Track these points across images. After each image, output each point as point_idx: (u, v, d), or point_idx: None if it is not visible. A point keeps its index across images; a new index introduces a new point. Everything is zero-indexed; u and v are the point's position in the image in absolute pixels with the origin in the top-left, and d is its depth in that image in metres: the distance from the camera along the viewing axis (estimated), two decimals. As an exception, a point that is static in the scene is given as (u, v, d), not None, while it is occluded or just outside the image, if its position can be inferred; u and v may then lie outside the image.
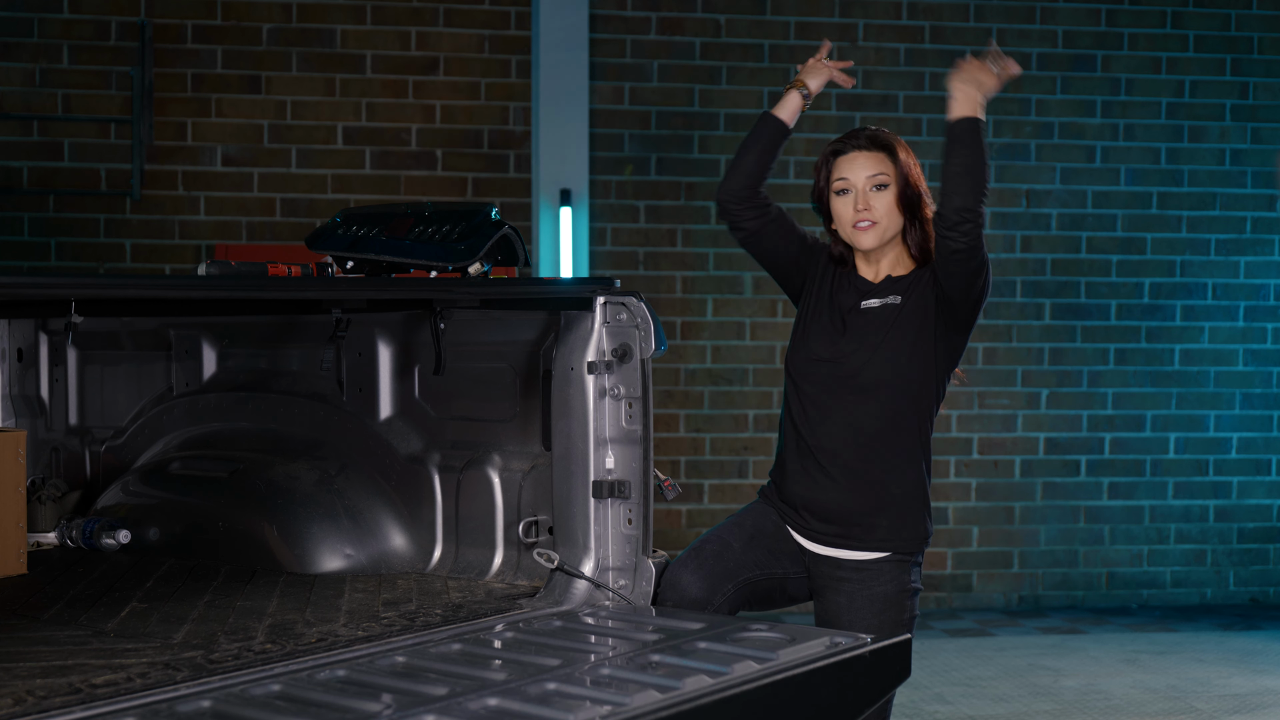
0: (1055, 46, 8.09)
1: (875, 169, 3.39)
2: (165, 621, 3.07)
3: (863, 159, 3.40)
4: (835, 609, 3.32)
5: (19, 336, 4.48)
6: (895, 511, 3.32)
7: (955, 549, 8.05)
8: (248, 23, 7.54)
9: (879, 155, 3.40)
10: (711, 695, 2.42)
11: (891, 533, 3.32)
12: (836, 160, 3.43)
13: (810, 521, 3.35)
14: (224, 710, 2.36)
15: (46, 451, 4.47)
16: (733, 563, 3.31)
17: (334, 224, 3.50)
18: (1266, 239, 8.24)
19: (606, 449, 3.25)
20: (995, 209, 8.08)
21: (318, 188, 7.61)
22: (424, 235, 3.38)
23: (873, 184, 3.38)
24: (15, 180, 7.42)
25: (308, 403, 3.98)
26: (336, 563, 3.67)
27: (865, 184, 3.38)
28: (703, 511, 7.82)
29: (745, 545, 3.35)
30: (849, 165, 3.40)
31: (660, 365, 7.49)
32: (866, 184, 3.37)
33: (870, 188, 3.37)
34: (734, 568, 3.31)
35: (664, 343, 3.30)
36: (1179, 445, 8.19)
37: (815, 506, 3.34)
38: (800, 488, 3.37)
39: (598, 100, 7.74)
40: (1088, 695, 6.14)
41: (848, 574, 3.31)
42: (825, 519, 3.33)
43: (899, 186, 3.38)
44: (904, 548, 3.32)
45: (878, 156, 3.40)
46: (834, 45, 4.07)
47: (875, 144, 3.41)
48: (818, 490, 3.34)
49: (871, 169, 3.39)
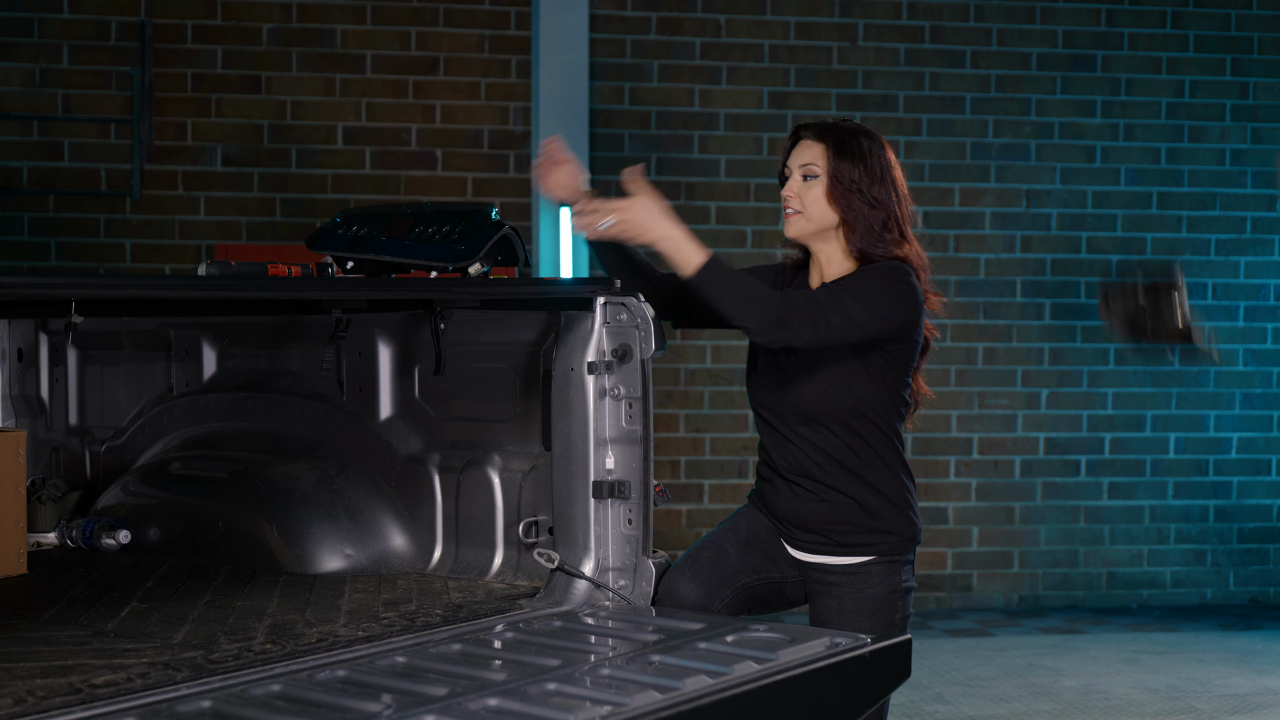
0: (1055, 46, 8.09)
1: (807, 158, 3.29)
2: (165, 621, 3.07)
3: (803, 147, 3.32)
4: (827, 613, 3.30)
5: (19, 336, 4.48)
6: (876, 518, 3.28)
7: (955, 549, 8.05)
8: (248, 23, 7.54)
9: (819, 146, 3.28)
10: (711, 695, 2.42)
11: (875, 538, 3.28)
12: (791, 146, 3.36)
13: (794, 532, 3.34)
14: (224, 710, 2.36)
15: (46, 451, 4.47)
16: (729, 569, 3.29)
17: (334, 224, 3.50)
18: (1266, 239, 8.24)
19: (606, 449, 3.25)
20: (995, 209, 8.08)
21: (318, 188, 7.61)
22: (424, 235, 3.38)
23: (802, 173, 3.30)
24: (15, 180, 7.42)
25: (308, 403, 3.98)
26: (336, 563, 3.67)
27: (798, 172, 3.31)
28: (703, 511, 7.82)
29: (741, 551, 3.33)
30: (794, 152, 3.34)
31: (660, 365, 7.49)
32: (799, 172, 3.30)
33: (801, 177, 3.30)
34: (731, 574, 3.29)
35: (664, 343, 3.30)
36: (1179, 445, 8.19)
37: (796, 519, 3.33)
38: (780, 501, 3.36)
39: (598, 100, 7.74)
40: (1088, 695, 6.14)
41: (836, 578, 3.30)
42: (808, 529, 3.32)
43: (828, 181, 3.26)
44: (890, 550, 3.29)
45: (817, 147, 3.29)
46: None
47: (822, 134, 3.30)
48: (796, 503, 3.32)
49: (805, 158, 3.30)
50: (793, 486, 3.32)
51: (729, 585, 3.28)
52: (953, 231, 8.04)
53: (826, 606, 3.31)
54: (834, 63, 7.89)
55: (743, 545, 3.34)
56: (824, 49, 7.88)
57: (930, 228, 8.02)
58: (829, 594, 3.31)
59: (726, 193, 7.84)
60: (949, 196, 8.03)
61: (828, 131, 3.31)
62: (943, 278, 8.02)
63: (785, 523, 3.35)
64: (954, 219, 8.04)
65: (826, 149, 3.28)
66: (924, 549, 8.02)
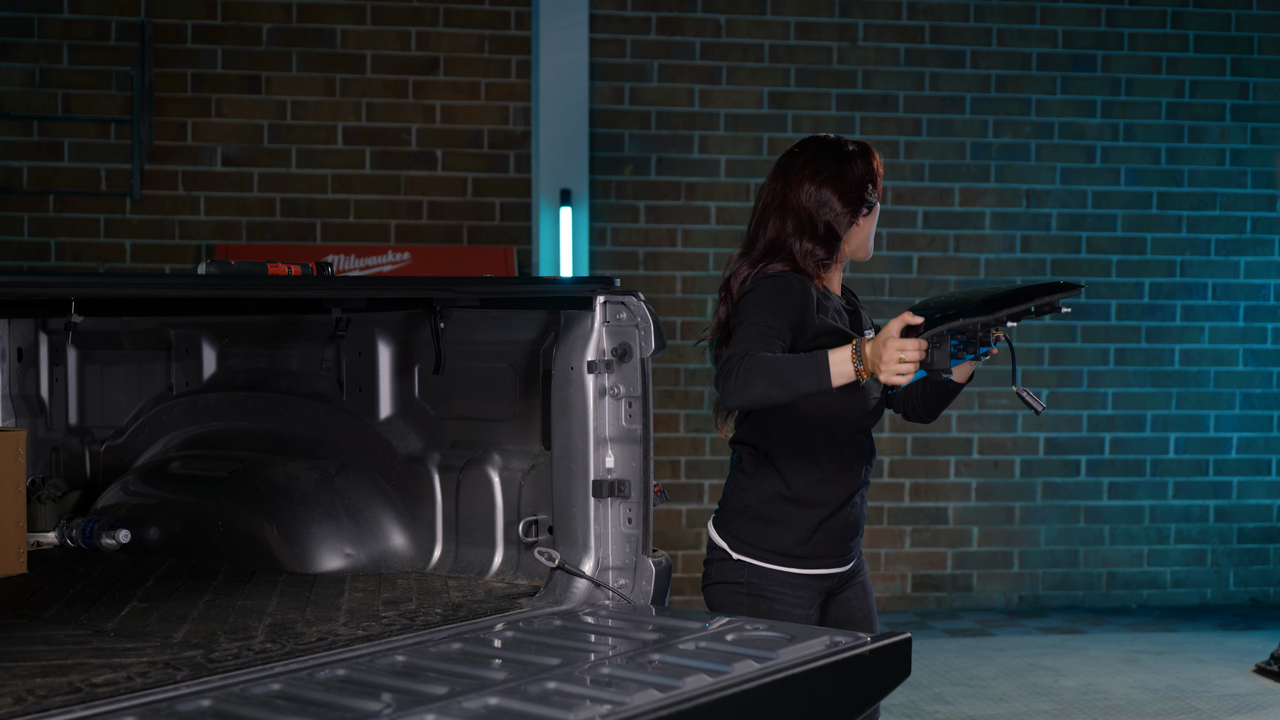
0: (1055, 46, 8.09)
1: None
2: (165, 621, 3.07)
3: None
4: (866, 606, 3.41)
5: (19, 336, 4.48)
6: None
7: (955, 549, 8.05)
8: (248, 23, 7.54)
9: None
10: (711, 694, 2.42)
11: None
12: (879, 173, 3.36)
13: (854, 544, 3.38)
14: (224, 709, 2.36)
15: (46, 451, 4.47)
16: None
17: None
18: (1266, 239, 8.24)
19: (606, 448, 3.25)
20: (995, 209, 8.08)
21: (318, 188, 7.62)
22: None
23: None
24: (15, 180, 7.42)
25: (308, 402, 3.98)
26: (336, 562, 3.67)
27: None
28: (703, 511, 7.82)
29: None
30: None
31: (660, 365, 7.49)
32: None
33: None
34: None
35: (664, 342, 3.29)
36: (1179, 445, 8.19)
37: (859, 529, 3.39)
38: (852, 518, 3.36)
39: (598, 100, 7.74)
40: (1088, 695, 6.14)
41: (860, 565, 3.44)
42: (860, 532, 3.42)
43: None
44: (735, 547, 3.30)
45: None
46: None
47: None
48: (860, 512, 3.38)
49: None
50: (858, 497, 3.35)
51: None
52: (953, 231, 8.04)
53: (859, 599, 3.39)
54: (834, 63, 7.89)
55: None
56: (824, 49, 7.88)
57: (930, 228, 8.02)
58: (857, 581, 3.39)
59: (726, 193, 7.84)
60: (949, 196, 8.04)
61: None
62: (943, 278, 8.02)
63: (854, 540, 3.35)
64: (954, 219, 8.04)
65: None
66: (924, 549, 8.03)
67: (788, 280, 3.20)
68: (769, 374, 2.95)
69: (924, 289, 7.97)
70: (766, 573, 3.23)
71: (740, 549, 3.26)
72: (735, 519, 3.28)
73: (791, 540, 3.24)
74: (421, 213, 7.69)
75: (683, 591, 7.61)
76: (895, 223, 7.95)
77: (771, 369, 2.96)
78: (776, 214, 3.28)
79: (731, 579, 3.26)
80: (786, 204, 3.27)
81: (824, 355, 2.95)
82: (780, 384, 2.95)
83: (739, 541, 3.26)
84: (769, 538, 3.24)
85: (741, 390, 2.98)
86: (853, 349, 2.94)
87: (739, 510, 3.28)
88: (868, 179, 3.29)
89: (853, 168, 3.28)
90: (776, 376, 2.95)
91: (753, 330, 3.09)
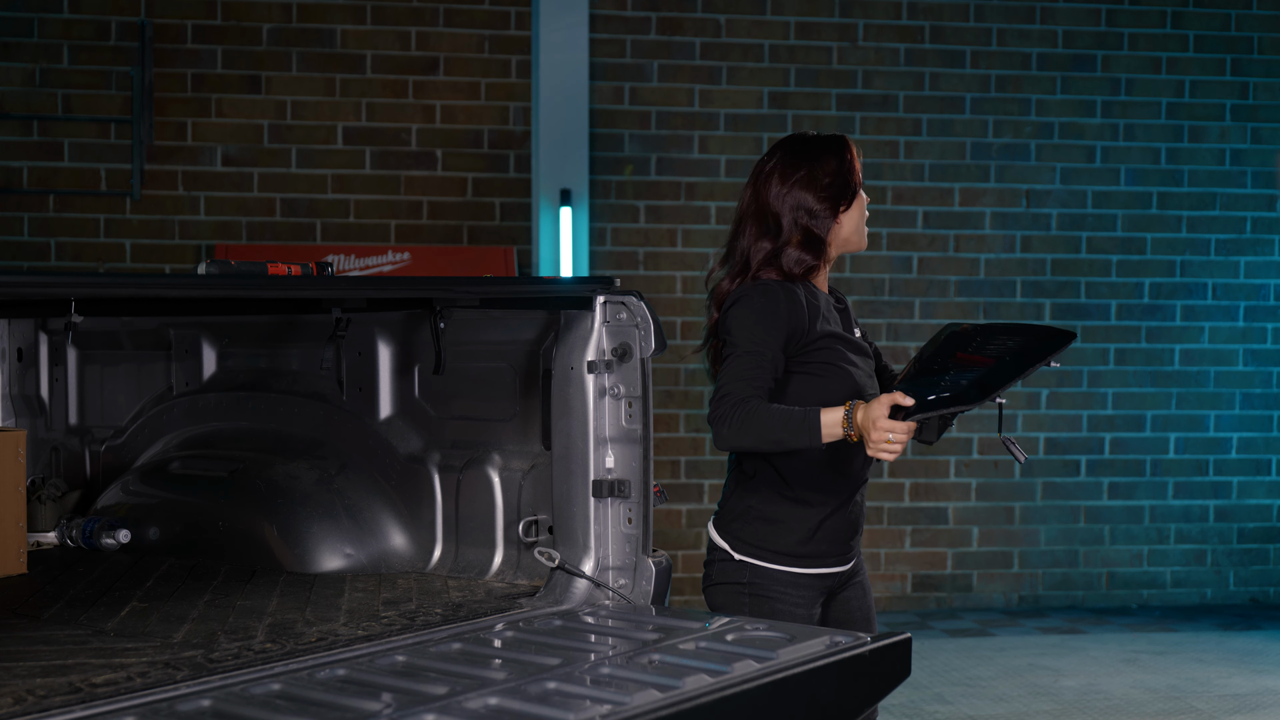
0: (1055, 46, 8.09)
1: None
2: (165, 621, 3.07)
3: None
4: (864, 605, 3.40)
5: (19, 336, 4.48)
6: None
7: (955, 549, 8.05)
8: (248, 23, 7.54)
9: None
10: (711, 694, 2.42)
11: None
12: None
13: (855, 542, 3.38)
14: (224, 709, 2.36)
15: (46, 451, 4.47)
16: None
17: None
18: (1266, 239, 8.24)
19: (606, 448, 3.25)
20: (995, 209, 8.08)
21: (318, 188, 7.62)
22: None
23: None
24: (15, 180, 7.42)
25: (308, 402, 3.98)
26: (336, 562, 3.67)
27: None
28: (703, 511, 7.82)
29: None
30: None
31: (660, 365, 7.49)
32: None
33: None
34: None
35: (664, 342, 3.29)
36: (1179, 445, 8.19)
37: (859, 526, 3.38)
38: (854, 515, 3.37)
39: (598, 100, 7.74)
40: (1088, 695, 6.14)
41: (860, 564, 3.43)
42: (860, 531, 3.42)
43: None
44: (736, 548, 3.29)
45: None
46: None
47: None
48: (861, 509, 3.39)
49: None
50: (859, 495, 3.35)
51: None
52: (953, 231, 8.04)
53: (859, 598, 3.39)
54: (834, 63, 7.89)
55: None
56: (824, 49, 7.88)
57: (930, 228, 8.02)
58: (857, 580, 3.39)
59: (726, 193, 7.84)
60: (949, 196, 8.03)
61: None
62: (943, 278, 8.02)
63: (854, 538, 3.35)
64: (954, 219, 8.04)
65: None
66: (924, 549, 8.03)
67: (774, 293, 3.18)
68: (761, 429, 3.02)
69: (924, 289, 7.97)
70: (769, 573, 3.23)
71: (742, 549, 3.25)
72: (736, 519, 3.28)
73: (793, 540, 3.23)
74: (421, 213, 7.69)
75: (683, 591, 7.61)
76: (895, 223, 7.95)
77: (764, 425, 3.02)
78: (753, 221, 3.27)
79: (733, 580, 3.26)
80: (763, 211, 3.25)
81: (816, 415, 3.00)
82: (771, 441, 3.04)
83: (740, 542, 3.26)
84: (770, 538, 3.24)
85: (733, 439, 3.06)
86: (844, 414, 2.99)
87: (739, 511, 3.28)
88: (843, 172, 3.25)
89: (824, 166, 3.24)
90: (768, 433, 3.02)
91: (746, 361, 3.11)
